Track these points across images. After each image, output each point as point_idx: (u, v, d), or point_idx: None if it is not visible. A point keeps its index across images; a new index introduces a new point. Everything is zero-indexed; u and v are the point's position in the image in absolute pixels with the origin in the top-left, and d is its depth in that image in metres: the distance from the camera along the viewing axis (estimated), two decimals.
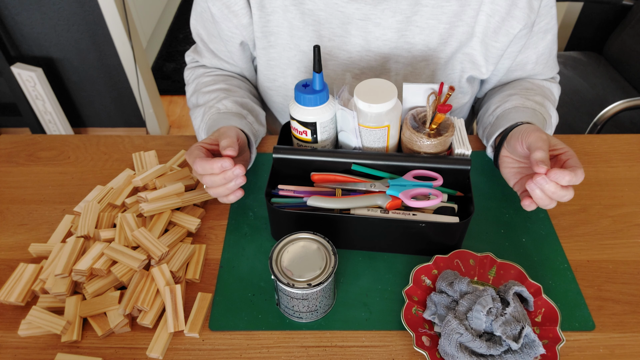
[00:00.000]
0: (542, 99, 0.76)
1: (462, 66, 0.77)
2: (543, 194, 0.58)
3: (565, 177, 0.55)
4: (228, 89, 0.79)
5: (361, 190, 0.66)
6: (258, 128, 0.77)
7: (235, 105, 0.75)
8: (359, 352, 0.57)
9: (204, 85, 0.80)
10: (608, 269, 0.65)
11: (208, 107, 0.75)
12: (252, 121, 0.75)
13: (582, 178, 0.56)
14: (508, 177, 0.67)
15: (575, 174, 0.56)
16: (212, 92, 0.78)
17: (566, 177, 0.55)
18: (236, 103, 0.75)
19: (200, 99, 0.78)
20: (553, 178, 0.56)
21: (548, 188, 0.57)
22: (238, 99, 0.77)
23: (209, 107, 0.75)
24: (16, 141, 0.85)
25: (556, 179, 0.56)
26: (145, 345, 0.58)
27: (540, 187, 0.57)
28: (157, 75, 2.42)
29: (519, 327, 0.53)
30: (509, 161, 0.67)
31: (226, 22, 0.75)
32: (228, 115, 0.72)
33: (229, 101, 0.75)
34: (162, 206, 0.67)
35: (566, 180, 0.56)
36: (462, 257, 0.63)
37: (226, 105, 0.74)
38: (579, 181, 0.56)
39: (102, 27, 1.77)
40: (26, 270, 0.63)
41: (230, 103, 0.75)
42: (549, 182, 0.56)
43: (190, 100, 0.83)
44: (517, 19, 0.70)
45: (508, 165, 0.67)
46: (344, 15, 0.72)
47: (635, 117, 1.36)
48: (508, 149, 0.67)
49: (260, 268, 0.65)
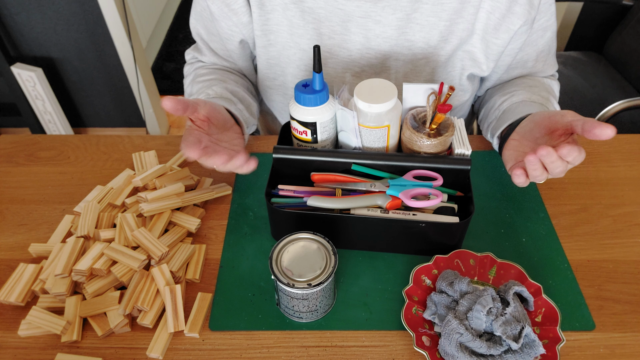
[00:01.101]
0: (547, 94, 0.76)
1: (462, 64, 0.77)
2: (540, 163, 0.56)
3: (573, 153, 0.54)
4: (222, 79, 0.79)
5: (361, 190, 0.66)
6: (248, 116, 0.76)
7: (226, 91, 0.74)
8: (359, 352, 0.57)
9: (199, 75, 0.80)
10: (608, 269, 0.65)
11: (199, 93, 0.75)
12: (242, 109, 0.74)
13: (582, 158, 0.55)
14: (508, 158, 0.66)
15: (580, 152, 0.54)
16: (205, 80, 0.78)
17: (573, 152, 0.54)
18: (226, 89, 0.75)
19: (194, 88, 0.78)
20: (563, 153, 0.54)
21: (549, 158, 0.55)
22: (229, 86, 0.77)
23: (199, 94, 0.75)
24: (16, 141, 0.85)
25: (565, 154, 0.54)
26: (145, 345, 0.58)
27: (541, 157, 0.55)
28: (157, 75, 2.42)
29: (519, 327, 0.53)
30: (515, 144, 0.66)
31: (226, 21, 0.75)
32: (216, 99, 0.72)
33: (220, 87, 0.75)
34: (162, 206, 0.67)
35: (572, 157, 0.54)
36: (462, 257, 0.63)
37: (216, 90, 0.74)
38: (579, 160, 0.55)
39: (102, 27, 1.77)
40: (26, 270, 0.63)
41: (220, 89, 0.74)
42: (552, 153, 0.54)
43: (186, 92, 0.83)
44: (518, 15, 0.70)
45: (512, 147, 0.66)
46: (344, 13, 0.72)
47: (635, 117, 1.36)
48: (520, 133, 0.66)
49: (260, 268, 0.65)
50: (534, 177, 0.58)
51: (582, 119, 0.55)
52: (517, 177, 0.59)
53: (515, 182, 0.60)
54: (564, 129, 0.59)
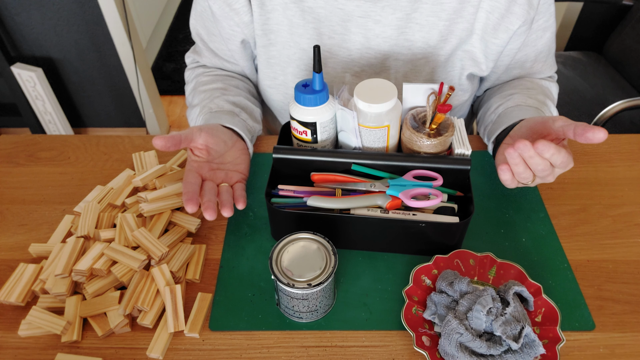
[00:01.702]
0: (543, 97, 0.76)
1: (462, 64, 0.77)
2: (520, 158, 0.56)
3: (550, 150, 0.54)
4: (224, 88, 0.79)
5: (361, 190, 0.66)
6: (253, 125, 0.77)
7: (228, 103, 0.75)
8: (359, 352, 0.57)
9: (201, 84, 0.80)
10: (608, 269, 0.65)
11: (201, 106, 0.76)
12: (245, 118, 0.75)
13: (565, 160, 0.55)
14: (500, 162, 0.65)
15: (559, 151, 0.54)
16: (207, 91, 0.78)
17: (551, 149, 0.54)
18: (228, 102, 0.76)
19: (196, 98, 0.79)
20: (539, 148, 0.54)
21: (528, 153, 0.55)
22: (231, 97, 0.77)
23: (202, 107, 0.75)
24: (16, 141, 0.85)
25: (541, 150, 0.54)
26: (145, 346, 0.58)
27: (519, 151, 0.55)
28: (157, 76, 2.42)
29: (519, 327, 0.53)
30: (507, 148, 0.66)
31: (227, 20, 0.75)
32: (219, 114, 0.72)
33: (222, 100, 0.75)
34: (162, 206, 0.67)
35: (550, 154, 0.54)
36: (462, 257, 0.63)
37: (218, 104, 0.75)
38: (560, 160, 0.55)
39: (102, 27, 1.77)
40: (26, 271, 0.63)
41: (222, 102, 0.75)
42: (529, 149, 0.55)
43: (188, 99, 0.83)
44: (517, 15, 0.71)
45: (504, 150, 0.66)
46: (344, 13, 0.72)
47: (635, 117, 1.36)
48: (513, 137, 0.67)
49: (260, 268, 0.65)
50: (517, 173, 0.58)
51: (574, 124, 0.56)
52: (502, 173, 0.59)
53: (501, 178, 0.60)
54: (555, 134, 0.60)
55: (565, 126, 0.57)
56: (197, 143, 0.65)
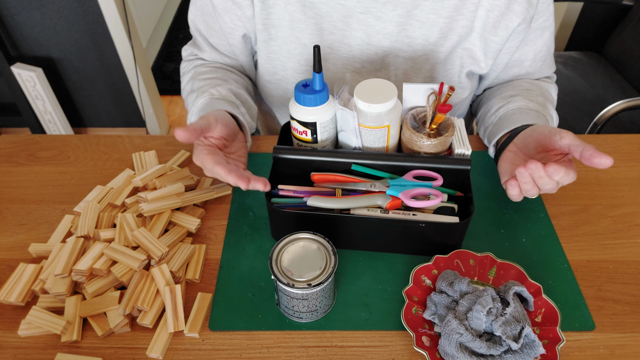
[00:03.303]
0: (543, 100, 0.76)
1: (461, 61, 0.77)
2: (530, 177, 0.58)
3: (560, 173, 0.55)
4: (224, 78, 0.78)
5: (361, 190, 0.66)
6: (249, 121, 0.76)
7: (230, 93, 0.75)
8: (359, 352, 0.57)
9: (200, 74, 0.80)
10: (608, 269, 0.65)
11: (201, 91, 0.75)
12: (244, 112, 0.75)
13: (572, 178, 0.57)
14: (505, 171, 0.67)
15: (567, 174, 0.56)
16: (207, 79, 0.77)
17: (561, 173, 0.55)
18: (230, 91, 0.75)
19: (195, 85, 0.78)
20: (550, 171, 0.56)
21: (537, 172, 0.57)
22: (233, 88, 0.77)
23: (202, 92, 0.74)
24: (16, 141, 0.85)
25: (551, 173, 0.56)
26: (145, 345, 0.58)
27: (530, 171, 0.57)
28: (157, 75, 2.42)
29: (519, 327, 0.53)
30: (511, 156, 0.68)
31: (229, 15, 0.75)
32: (221, 102, 0.72)
33: (224, 88, 0.75)
34: (162, 206, 0.67)
35: (559, 177, 0.56)
36: (462, 257, 0.63)
37: (220, 91, 0.74)
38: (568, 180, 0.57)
39: (102, 27, 1.77)
40: (26, 270, 0.63)
41: (224, 90, 0.74)
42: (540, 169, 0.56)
43: (185, 89, 0.82)
44: (516, 13, 0.71)
45: (508, 159, 0.67)
46: (345, 9, 0.72)
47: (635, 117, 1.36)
48: (517, 145, 0.67)
49: (260, 268, 0.65)
50: (525, 190, 0.60)
51: (581, 145, 0.57)
52: (511, 188, 0.61)
53: (509, 194, 0.62)
54: (560, 149, 0.61)
55: (572, 146, 0.58)
56: (214, 133, 0.64)
